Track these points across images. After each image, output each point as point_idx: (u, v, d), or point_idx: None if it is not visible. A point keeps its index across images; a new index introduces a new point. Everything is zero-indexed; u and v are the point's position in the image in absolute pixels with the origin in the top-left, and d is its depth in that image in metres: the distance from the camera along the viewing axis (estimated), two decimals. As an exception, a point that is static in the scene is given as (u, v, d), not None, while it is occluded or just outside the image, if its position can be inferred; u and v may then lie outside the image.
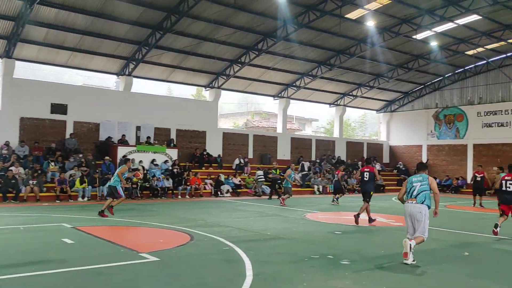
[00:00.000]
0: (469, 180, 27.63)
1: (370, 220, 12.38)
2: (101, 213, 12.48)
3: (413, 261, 7.20)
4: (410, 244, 7.19)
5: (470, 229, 11.84)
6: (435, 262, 7.60)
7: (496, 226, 10.22)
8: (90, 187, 18.01)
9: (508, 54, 26.11)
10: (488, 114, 27.47)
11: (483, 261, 7.86)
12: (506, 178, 10.65)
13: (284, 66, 25.17)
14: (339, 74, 26.89)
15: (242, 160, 24.90)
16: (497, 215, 11.15)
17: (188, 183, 20.88)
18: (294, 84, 27.12)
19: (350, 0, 18.08)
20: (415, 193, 7.48)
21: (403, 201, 7.78)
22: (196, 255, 7.68)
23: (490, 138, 27.12)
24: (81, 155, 19.50)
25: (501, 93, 27.20)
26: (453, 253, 8.46)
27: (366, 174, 12.39)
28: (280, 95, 27.95)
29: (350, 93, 30.11)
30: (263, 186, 22.58)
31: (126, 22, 18.67)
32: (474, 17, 20.66)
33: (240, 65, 23.26)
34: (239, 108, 53.70)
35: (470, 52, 25.25)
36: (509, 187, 10.45)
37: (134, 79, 22.72)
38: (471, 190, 25.87)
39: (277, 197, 20.14)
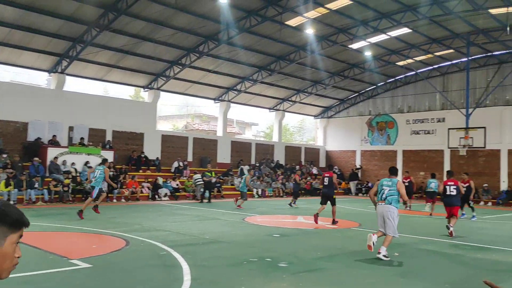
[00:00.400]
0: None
1: (334, 222, 13.20)
2: (80, 213, 12.76)
3: (387, 257, 7.91)
4: (374, 241, 7.97)
5: (400, 231, 12.44)
6: (367, 262, 7.91)
7: (447, 227, 11.29)
8: (16, 190, 16.87)
9: (435, 66, 27.95)
10: (416, 122, 29.21)
11: (411, 261, 8.29)
12: (448, 183, 11.87)
13: (225, 70, 25.18)
14: (279, 79, 27.36)
15: (181, 163, 24.54)
16: (424, 217, 11.86)
17: (124, 187, 20.21)
18: (235, 88, 27.21)
19: (290, 8, 18.47)
20: (384, 196, 8.31)
21: (372, 199, 8.80)
22: (131, 260, 7.43)
23: (418, 144, 28.83)
24: (5, 156, 18.22)
25: (428, 102, 29.03)
26: (384, 253, 8.84)
27: (326, 179, 13.53)
28: (220, 98, 27.91)
29: (289, 99, 30.74)
30: (202, 190, 22.36)
31: (60, 17, 17.75)
32: (404, 30, 21.91)
33: (180, 67, 22.95)
34: (179, 111, 52.89)
35: (400, 63, 26.73)
36: (452, 192, 11.66)
37: (67, 77, 21.65)
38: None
39: (206, 200, 20.08)
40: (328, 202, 13.42)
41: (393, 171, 8.77)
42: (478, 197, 24.88)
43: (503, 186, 24.80)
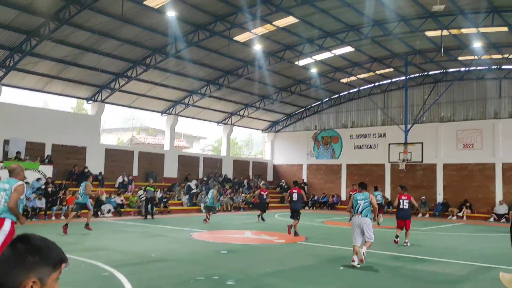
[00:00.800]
0: (343, 198, 30.05)
1: (296, 234, 14.00)
2: (87, 226, 13.94)
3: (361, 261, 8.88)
4: (363, 252, 8.88)
5: (346, 244, 12.77)
6: (313, 277, 8.03)
7: (396, 236, 12.47)
8: None
9: (376, 84, 29.25)
10: (359, 137, 30.32)
11: (356, 274, 8.51)
12: (402, 197, 12.81)
13: (173, 83, 24.91)
14: (227, 93, 27.45)
15: (126, 178, 23.82)
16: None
17: (64, 203, 19.27)
18: (183, 101, 26.96)
19: (239, 24, 18.68)
20: (360, 209, 9.25)
21: (350, 212, 10.11)
22: (70, 283, 7.06)
23: (361, 159, 29.88)
24: None
25: (370, 118, 30.26)
26: (329, 268, 9.03)
27: (295, 195, 14.22)
28: (168, 111, 27.53)
29: (238, 113, 30.89)
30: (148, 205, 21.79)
31: (-4, 24, 16.82)
32: (348, 49, 22.80)
33: (126, 79, 22.41)
34: (124, 124, 51.53)
35: (344, 80, 27.74)
36: (405, 205, 12.62)
37: (4, 88, 20.47)
38: (345, 207, 28.42)
39: (150, 217, 19.56)
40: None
41: (363, 186, 9.63)
42: (416, 209, 26.10)
43: (439, 198, 26.21)
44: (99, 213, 20.13)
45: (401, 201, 12.77)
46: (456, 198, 25.64)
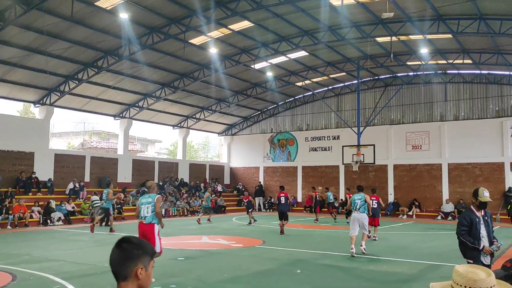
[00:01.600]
0: (299, 199, 30.49)
1: (282, 232, 15.81)
2: (111, 230, 15.99)
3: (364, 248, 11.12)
4: (363, 248, 11.09)
5: (302, 247, 12.97)
6: (271, 282, 8.08)
7: (369, 232, 13.53)
8: None
9: (330, 87, 29.93)
10: (314, 139, 30.88)
11: (312, 277, 8.65)
12: (372, 198, 14.21)
13: (126, 86, 24.32)
14: (183, 96, 27.14)
15: (77, 184, 22.98)
16: (322, 230, 12.47)
17: (10, 212, 18.32)
18: (137, 104, 26.39)
19: (194, 27, 18.52)
20: (357, 207, 11.39)
21: (350, 210, 12.04)
22: (19, 299, 6.72)
23: (316, 161, 30.44)
24: None
25: (324, 121, 30.90)
26: (286, 271, 9.12)
27: (283, 198, 16.32)
28: (121, 115, 26.84)
29: (194, 116, 30.62)
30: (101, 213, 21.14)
31: None
32: (302, 53, 23.18)
33: (77, 82, 21.64)
34: (75, 128, 49.72)
35: (299, 84, 28.17)
36: (375, 205, 14.30)
37: None
38: (302, 208, 29.01)
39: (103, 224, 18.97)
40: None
41: (360, 188, 11.93)
42: (383, 208, 26.91)
43: (390, 198, 27.15)
44: (48, 221, 19.29)
45: (371, 201, 13.50)
46: (406, 197, 26.68)
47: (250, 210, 20.32)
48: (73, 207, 20.92)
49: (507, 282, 2.14)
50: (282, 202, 16.30)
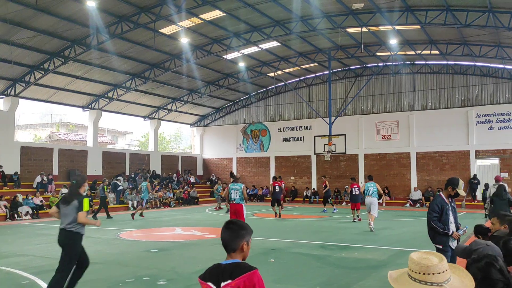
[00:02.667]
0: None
1: (279, 216, 18.42)
2: (141, 215, 18.37)
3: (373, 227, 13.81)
4: (372, 226, 13.85)
5: (275, 236, 13.09)
6: (246, 271, 8.13)
7: (353, 214, 17.36)
8: None
9: (302, 78, 30.10)
10: (286, 130, 31.07)
11: (286, 265, 8.75)
12: (353, 186, 17.45)
13: (95, 76, 23.74)
14: (154, 87, 26.73)
15: (45, 178, 22.38)
16: (294, 220, 12.59)
17: (-26, 207, 17.71)
18: (106, 95, 25.83)
19: (164, 16, 18.20)
20: (370, 192, 14.51)
21: (364, 195, 14.81)
22: (-15, 296, 6.53)
23: (288, 151, 30.66)
24: None
25: (296, 111, 31.09)
26: (260, 260, 9.18)
27: (277, 187, 18.74)
28: (90, 106, 26.22)
29: (165, 107, 30.24)
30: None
31: None
32: (274, 44, 23.18)
33: (42, 72, 20.97)
34: (41, 119, 48.28)
35: (271, 74, 28.20)
36: (356, 192, 17.15)
37: None
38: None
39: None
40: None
41: (371, 178, 15.19)
42: (340, 198, 27.41)
43: (361, 187, 27.61)
44: (15, 216, 18.76)
45: (353, 188, 17.39)
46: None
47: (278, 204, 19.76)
48: (41, 201, 20.39)
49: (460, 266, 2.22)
50: (276, 190, 18.75)
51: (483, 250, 2.83)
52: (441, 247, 5.63)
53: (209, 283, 2.60)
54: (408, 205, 25.48)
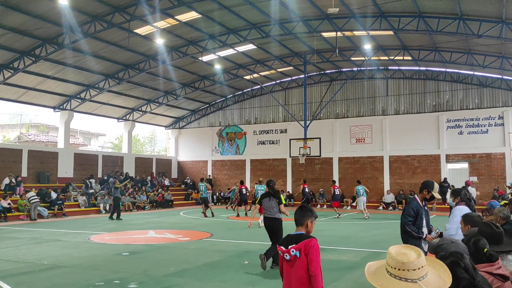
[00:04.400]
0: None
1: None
2: (205, 215, 20.17)
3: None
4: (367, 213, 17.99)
5: (250, 238, 13.04)
6: (219, 274, 8.05)
7: (336, 213, 20.04)
8: None
9: (278, 81, 30.22)
10: (262, 133, 31.10)
11: (259, 267, 8.69)
12: (335, 187, 20.55)
13: (67, 76, 23.20)
14: (128, 88, 26.32)
15: (13, 180, 21.70)
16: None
17: None
18: (79, 96, 25.28)
19: (139, 16, 17.96)
20: (361, 193, 19.54)
21: (357, 195, 19.40)
22: None
23: (264, 154, 30.69)
24: None
25: (272, 114, 31.18)
26: (234, 263, 9.13)
27: (244, 190, 20.86)
28: (61, 107, 25.60)
29: (140, 109, 29.83)
30: (39, 208, 20.16)
31: None
32: (250, 46, 23.20)
33: (12, 71, 20.35)
34: (11, 120, 46.90)
35: (247, 77, 28.20)
36: (337, 193, 20.48)
37: None
38: (250, 201, 29.00)
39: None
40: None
41: (359, 182, 20.42)
42: (315, 200, 27.59)
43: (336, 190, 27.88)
44: (-19, 219, 18.08)
45: (335, 190, 20.34)
46: (350, 189, 27.49)
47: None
48: (9, 204, 19.73)
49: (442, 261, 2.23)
50: (243, 192, 20.87)
51: (447, 246, 2.86)
52: None
53: (281, 247, 3.73)
54: (381, 208, 25.87)
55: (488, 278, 2.67)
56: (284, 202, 8.96)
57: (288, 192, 28.89)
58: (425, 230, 5.72)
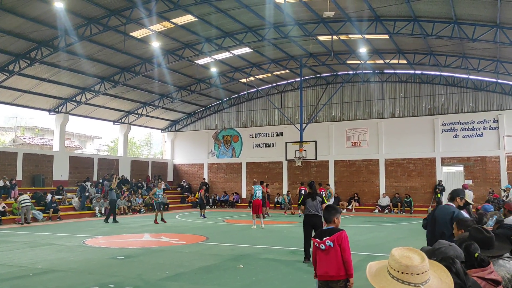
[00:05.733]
0: (243, 195, 30.61)
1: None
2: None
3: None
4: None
5: (246, 242, 13.03)
6: (214, 278, 8.04)
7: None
8: None
9: (274, 85, 30.26)
10: (258, 136, 31.11)
11: (255, 271, 8.70)
12: (321, 190, 19.70)
13: (62, 79, 23.14)
14: (124, 91, 26.28)
15: (8, 183, 21.58)
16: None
17: None
18: (74, 99, 25.21)
19: (135, 19, 17.95)
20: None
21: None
22: None
23: (260, 157, 30.68)
24: None
25: (268, 117, 31.20)
26: (229, 266, 9.12)
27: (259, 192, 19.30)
28: (57, 110, 25.53)
29: (135, 112, 29.78)
30: (34, 212, 20.07)
31: None
32: (246, 50, 23.23)
33: (7, 74, 20.27)
34: (6, 123, 46.69)
35: (243, 80, 28.22)
36: (303, 193, 18.58)
37: None
38: (246, 205, 28.93)
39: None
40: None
41: (319, 184, 19.14)
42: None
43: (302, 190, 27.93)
44: (-25, 223, 17.96)
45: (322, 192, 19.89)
46: (346, 192, 27.61)
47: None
48: (3, 207, 19.61)
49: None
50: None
51: (445, 250, 2.88)
52: None
53: (316, 239, 4.62)
54: (376, 211, 25.90)
55: (481, 283, 2.68)
56: (326, 201, 9.97)
57: (288, 191, 28.89)
58: None
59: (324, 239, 4.56)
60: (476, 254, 2.83)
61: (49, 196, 21.49)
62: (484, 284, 2.71)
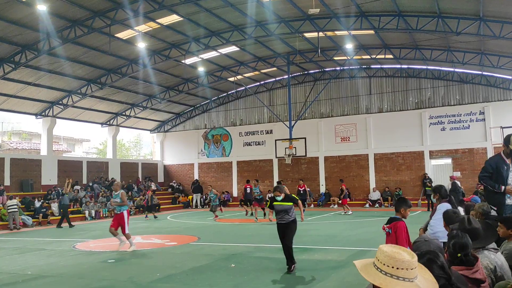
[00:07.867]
0: (235, 194, 30.61)
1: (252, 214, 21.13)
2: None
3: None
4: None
5: (236, 241, 13.04)
6: (206, 278, 8.03)
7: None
8: None
9: (262, 82, 30.24)
10: (248, 134, 31.09)
11: (246, 270, 8.70)
12: (246, 186, 21.36)
13: (48, 82, 22.89)
14: (111, 93, 26.08)
15: (-5, 188, 21.33)
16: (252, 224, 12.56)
17: None
18: (61, 102, 24.96)
19: (119, 20, 17.79)
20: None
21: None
22: None
23: (250, 155, 30.68)
24: None
25: (257, 116, 31.18)
26: (221, 266, 9.11)
27: (248, 189, 21.42)
28: (44, 113, 25.25)
29: (123, 113, 29.57)
30: (23, 217, 19.85)
31: None
32: (233, 48, 23.17)
33: (-9, 79, 20.03)
34: (-9, 128, 46.03)
35: (231, 79, 28.16)
36: (302, 192, 21.91)
37: None
38: (238, 203, 28.92)
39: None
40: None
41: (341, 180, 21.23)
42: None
43: (322, 189, 28.09)
44: (-37, 230, 17.72)
45: (300, 189, 21.62)
46: (336, 188, 27.59)
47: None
48: (-9, 214, 19.37)
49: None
50: (247, 191, 21.66)
51: (419, 244, 2.91)
52: (496, 209, 5.37)
53: (384, 225, 5.30)
54: (367, 205, 26.07)
55: None
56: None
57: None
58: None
59: (384, 226, 5.27)
60: (459, 254, 2.85)
61: (37, 202, 21.22)
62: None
